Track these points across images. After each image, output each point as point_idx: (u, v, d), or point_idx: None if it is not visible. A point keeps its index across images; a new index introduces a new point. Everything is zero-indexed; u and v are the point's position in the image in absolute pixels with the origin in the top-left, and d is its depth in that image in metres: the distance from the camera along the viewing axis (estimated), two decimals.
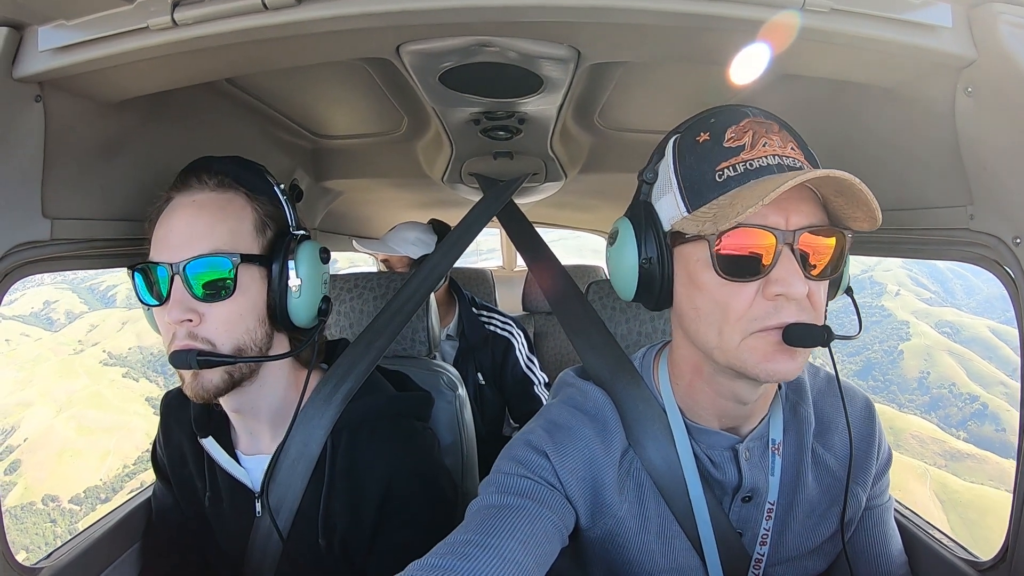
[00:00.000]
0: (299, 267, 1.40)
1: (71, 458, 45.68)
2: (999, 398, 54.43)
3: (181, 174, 1.41)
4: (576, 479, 1.22)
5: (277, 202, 1.46)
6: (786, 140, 1.07)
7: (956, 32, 1.10)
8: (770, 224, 1.01)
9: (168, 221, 1.35)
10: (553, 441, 1.24)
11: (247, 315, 1.36)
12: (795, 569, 1.32)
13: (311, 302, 1.44)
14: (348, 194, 3.24)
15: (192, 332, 1.31)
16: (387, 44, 1.32)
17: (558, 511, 1.19)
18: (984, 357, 59.18)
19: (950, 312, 68.28)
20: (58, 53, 1.18)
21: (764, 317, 1.03)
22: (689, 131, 1.14)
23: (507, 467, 1.23)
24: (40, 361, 57.76)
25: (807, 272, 1.03)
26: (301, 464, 1.48)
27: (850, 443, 1.28)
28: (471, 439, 2.14)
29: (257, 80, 1.96)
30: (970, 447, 49.95)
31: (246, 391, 1.43)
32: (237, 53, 1.24)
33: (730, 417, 1.24)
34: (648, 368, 1.37)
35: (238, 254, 1.33)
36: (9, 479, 44.31)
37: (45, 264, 1.38)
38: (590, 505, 1.24)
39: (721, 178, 1.05)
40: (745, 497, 1.26)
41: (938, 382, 58.53)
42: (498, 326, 3.30)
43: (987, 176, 1.20)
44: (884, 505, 1.39)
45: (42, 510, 43.73)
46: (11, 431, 48.10)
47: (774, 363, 1.04)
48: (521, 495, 1.17)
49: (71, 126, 1.35)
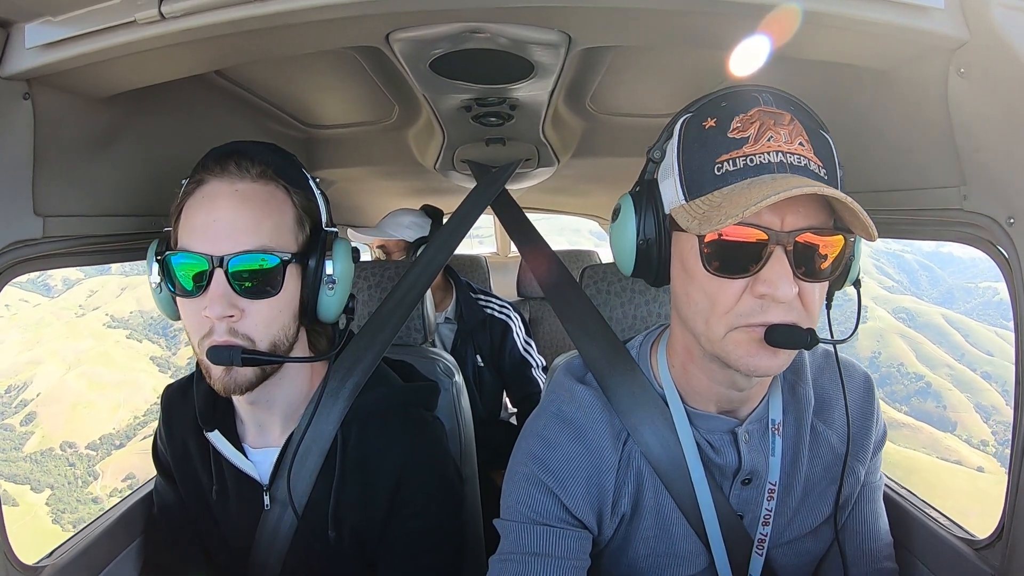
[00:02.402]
0: (336, 265, 1.40)
1: (85, 410, 47.68)
2: (944, 379, 58.41)
3: (216, 158, 1.35)
4: (582, 500, 1.23)
5: (312, 196, 1.44)
6: (795, 134, 1.04)
7: (948, 13, 1.10)
8: (764, 223, 1.00)
9: (209, 209, 1.30)
10: (552, 473, 1.24)
11: (284, 312, 1.35)
12: (797, 550, 1.33)
13: (342, 300, 1.43)
14: (341, 184, 3.23)
15: (232, 328, 1.29)
16: (377, 32, 1.31)
17: (577, 551, 1.22)
18: (935, 342, 63.01)
19: (908, 300, 71.94)
20: (45, 49, 1.17)
21: (749, 314, 1.03)
22: (699, 113, 1.11)
23: (517, 511, 1.25)
24: (43, 324, 59.61)
25: (801, 273, 1.02)
26: (311, 457, 1.48)
27: (847, 419, 1.29)
28: (468, 425, 2.14)
29: (247, 71, 1.95)
30: (908, 419, 53.65)
31: (268, 385, 1.41)
32: (226, 44, 1.24)
33: (726, 401, 1.24)
34: (645, 354, 1.37)
35: (287, 252, 1.32)
36: (26, 429, 46.73)
37: (38, 262, 1.37)
38: (598, 516, 1.26)
39: (720, 171, 1.04)
40: (745, 480, 1.27)
41: (888, 362, 62.13)
42: (496, 309, 3.31)
43: (980, 157, 1.21)
44: (876, 483, 1.40)
45: (60, 455, 45.96)
46: (23, 387, 50.24)
47: (756, 359, 1.05)
48: (540, 554, 1.20)
49: (61, 122, 1.34)
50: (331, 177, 3.05)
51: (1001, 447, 51.77)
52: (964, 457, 50.26)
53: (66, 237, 1.41)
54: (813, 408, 1.33)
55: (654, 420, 1.26)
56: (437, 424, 1.65)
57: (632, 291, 1.98)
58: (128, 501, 1.80)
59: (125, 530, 1.73)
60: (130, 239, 1.59)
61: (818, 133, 1.08)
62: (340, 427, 1.50)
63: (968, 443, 52.56)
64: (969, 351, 63.51)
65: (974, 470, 48.49)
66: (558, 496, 1.23)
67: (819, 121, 1.12)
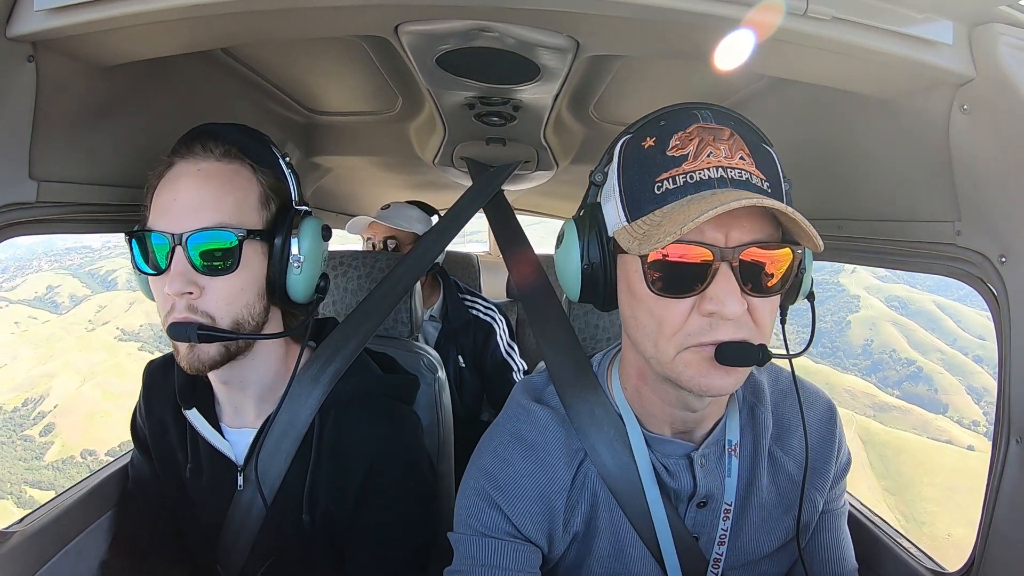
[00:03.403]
0: (301, 243, 1.40)
1: (102, 418, 49.13)
2: (935, 363, 60.35)
3: (184, 140, 1.38)
4: (530, 517, 1.23)
5: (281, 175, 1.45)
6: (735, 148, 1.02)
7: (956, 49, 1.10)
8: (707, 240, 0.99)
9: (171, 189, 1.32)
10: (501, 490, 1.24)
11: (247, 289, 1.36)
12: (753, 573, 1.33)
13: (311, 279, 1.43)
14: (337, 171, 3.22)
15: (192, 304, 1.30)
16: (386, 22, 1.31)
17: (525, 559, 1.22)
18: (927, 328, 65.14)
19: (901, 288, 73.61)
20: (53, 13, 1.15)
21: (698, 333, 1.02)
22: (638, 133, 1.11)
23: (468, 523, 1.26)
24: (55, 340, 61.03)
25: (749, 289, 1.01)
26: (287, 440, 1.48)
27: (806, 449, 1.28)
28: (448, 421, 2.15)
29: (253, 51, 1.94)
30: (898, 401, 55.44)
31: (238, 364, 1.42)
32: (234, 23, 1.23)
33: (680, 422, 1.23)
34: (603, 374, 1.36)
35: (244, 229, 1.32)
36: (46, 439, 48.13)
37: (30, 226, 1.36)
38: (547, 535, 1.25)
39: (660, 190, 1.03)
40: (700, 503, 1.26)
41: (880, 348, 64.12)
42: (481, 311, 3.32)
43: (977, 193, 1.21)
44: (838, 510, 1.40)
45: (81, 463, 47.35)
46: (40, 399, 51.84)
47: (708, 378, 1.03)
48: (490, 565, 1.20)
49: (63, 88, 1.33)
50: (329, 164, 3.04)
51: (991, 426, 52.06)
52: (955, 437, 51.31)
53: (60, 203, 1.40)
54: (772, 434, 1.32)
55: (611, 441, 1.26)
56: (413, 417, 1.65)
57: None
58: (102, 473, 1.79)
59: (98, 502, 1.72)
60: (123, 210, 1.58)
61: (760, 147, 1.06)
62: (318, 412, 1.51)
63: (959, 424, 53.64)
64: (961, 336, 64.64)
65: (964, 448, 49.52)
66: (505, 513, 1.23)
67: (761, 135, 1.11)
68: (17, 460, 47.39)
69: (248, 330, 1.37)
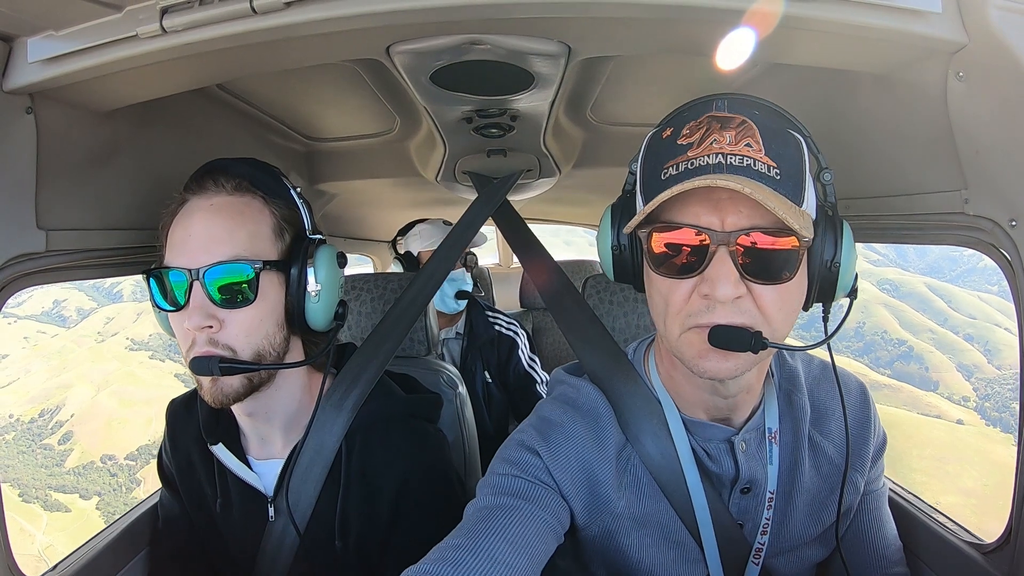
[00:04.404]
0: (318, 271, 1.40)
1: (119, 425, 50.14)
2: (926, 343, 62.19)
3: (196, 176, 1.40)
4: (570, 476, 1.22)
5: (293, 205, 1.46)
6: (742, 136, 1.03)
7: (946, 17, 1.09)
8: (703, 224, 1.02)
9: (185, 225, 1.33)
10: (545, 439, 1.25)
11: (267, 320, 1.36)
12: (795, 559, 1.32)
13: (329, 306, 1.44)
14: (343, 196, 3.24)
15: (212, 338, 1.30)
16: (377, 45, 1.32)
17: (552, 509, 1.19)
18: (918, 309, 66.65)
19: (893, 272, 75.59)
20: (48, 64, 1.17)
21: (697, 314, 1.04)
22: (662, 125, 1.15)
23: (500, 468, 1.24)
24: (66, 352, 62.40)
25: (750, 275, 1.02)
26: (316, 468, 1.48)
27: (846, 430, 1.28)
28: (472, 437, 2.14)
29: (248, 84, 1.96)
30: (890, 380, 56.72)
31: (262, 396, 1.42)
32: (227, 58, 1.24)
33: (715, 408, 1.24)
34: (639, 362, 1.37)
35: (260, 260, 1.33)
36: (65, 447, 49.61)
37: (41, 276, 1.38)
38: (586, 502, 1.24)
39: (665, 176, 1.06)
40: (744, 488, 1.26)
41: (872, 330, 65.81)
42: (503, 326, 3.35)
43: (981, 160, 1.20)
44: (880, 490, 1.40)
45: (102, 467, 48.84)
46: (56, 409, 53.05)
47: (705, 360, 1.05)
48: (513, 495, 1.18)
49: (63, 136, 1.34)
50: (334, 190, 3.06)
51: (981, 401, 55.21)
52: (944, 412, 52.31)
53: (69, 251, 1.42)
54: (810, 419, 1.32)
55: (654, 427, 1.26)
56: (439, 435, 1.65)
57: (635, 301, 1.98)
58: (133, 514, 1.80)
59: (130, 543, 1.73)
60: (133, 252, 1.59)
61: (783, 134, 1.06)
62: (344, 438, 1.51)
63: (949, 399, 54.75)
64: (952, 315, 65.79)
65: (954, 423, 50.43)
66: (544, 460, 1.23)
67: (790, 121, 1.12)
68: (39, 467, 48.61)
69: (269, 360, 1.38)
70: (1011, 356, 1.51)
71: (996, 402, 53.85)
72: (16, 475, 47.31)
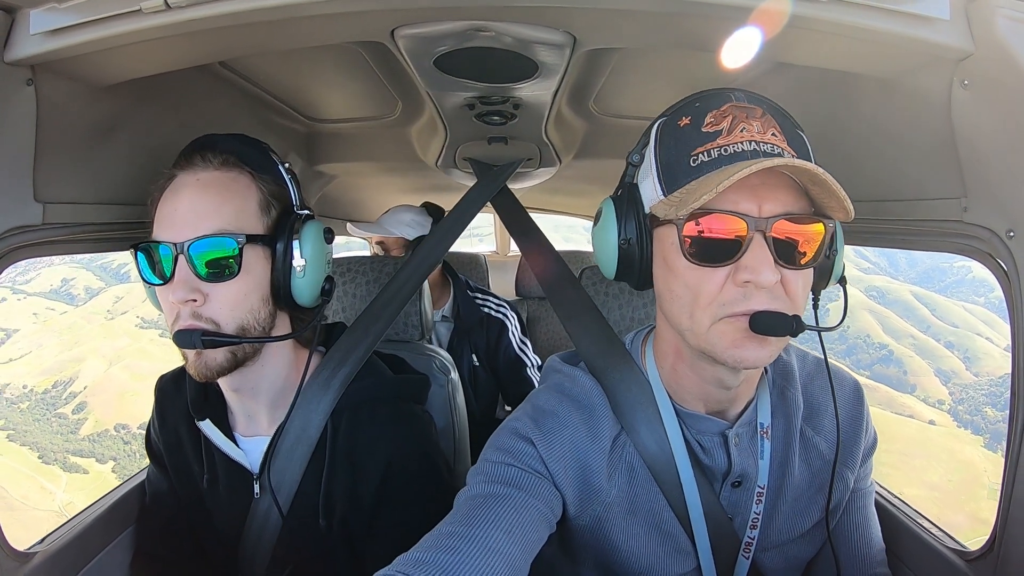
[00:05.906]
0: (303, 247, 1.41)
1: (132, 397, 51.73)
2: (907, 348, 62.87)
3: (184, 152, 1.40)
4: (563, 465, 1.23)
5: (281, 181, 1.47)
6: (767, 125, 1.06)
7: (953, 24, 1.09)
8: (741, 210, 1.02)
9: (172, 200, 1.34)
10: (539, 428, 1.25)
11: (251, 295, 1.37)
12: (784, 555, 1.33)
13: (315, 282, 1.44)
14: (341, 178, 3.23)
15: (196, 312, 1.31)
16: (382, 28, 1.31)
17: (544, 498, 1.19)
18: (902, 316, 67.64)
19: (881, 279, 76.32)
20: (50, 36, 1.16)
21: (733, 303, 1.04)
22: (674, 115, 1.14)
23: (493, 456, 1.24)
24: (77, 328, 63.76)
25: (783, 260, 1.03)
26: (301, 446, 1.49)
27: (837, 426, 1.29)
28: (463, 422, 2.15)
29: (251, 63, 1.94)
30: (868, 380, 56.54)
31: (248, 371, 1.43)
32: (230, 36, 1.23)
33: (715, 401, 1.25)
34: (636, 352, 1.37)
35: (243, 234, 1.33)
36: (79, 416, 51.29)
37: (38, 248, 1.37)
38: (579, 492, 1.25)
39: (695, 163, 1.06)
40: (735, 482, 1.27)
41: (855, 334, 66.32)
42: (492, 308, 3.32)
43: (982, 169, 1.20)
44: (867, 489, 1.41)
45: (115, 435, 50.42)
46: (70, 381, 54.68)
47: (743, 350, 1.05)
48: (507, 484, 1.18)
49: (63, 110, 1.33)
50: (332, 171, 3.05)
51: (956, 404, 55.52)
52: (917, 412, 53.13)
53: (66, 224, 1.41)
54: (802, 414, 1.33)
55: (650, 417, 1.26)
56: (426, 417, 1.66)
57: (630, 293, 1.99)
58: (121, 490, 1.80)
59: (118, 518, 1.73)
60: (130, 227, 1.59)
61: (793, 131, 1.10)
62: (331, 416, 1.51)
63: (924, 402, 55.47)
64: (935, 323, 66.66)
65: (925, 423, 51.39)
66: (538, 449, 1.23)
67: (794, 121, 1.13)
68: (55, 434, 49.66)
69: (254, 335, 1.38)
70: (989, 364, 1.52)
71: (969, 406, 54.58)
72: (34, 439, 48.62)
